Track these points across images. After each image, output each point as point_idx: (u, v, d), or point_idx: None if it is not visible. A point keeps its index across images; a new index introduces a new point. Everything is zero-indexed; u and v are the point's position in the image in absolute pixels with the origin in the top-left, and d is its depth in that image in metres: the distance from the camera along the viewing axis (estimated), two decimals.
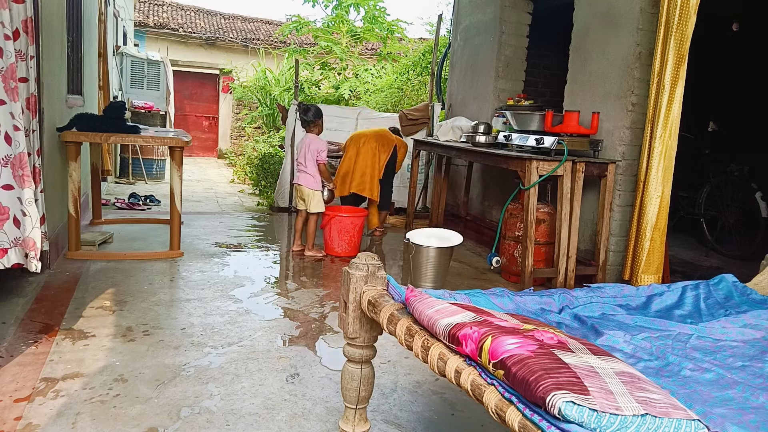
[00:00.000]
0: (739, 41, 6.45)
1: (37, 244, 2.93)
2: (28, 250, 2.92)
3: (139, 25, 13.57)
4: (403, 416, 2.28)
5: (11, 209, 2.85)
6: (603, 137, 4.19)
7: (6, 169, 2.81)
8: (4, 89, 2.76)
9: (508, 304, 1.93)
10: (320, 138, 4.79)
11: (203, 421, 2.14)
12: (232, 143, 14.60)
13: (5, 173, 2.81)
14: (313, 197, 4.71)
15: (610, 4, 4.19)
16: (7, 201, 2.83)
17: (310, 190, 4.70)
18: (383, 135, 5.51)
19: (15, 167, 2.84)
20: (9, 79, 2.77)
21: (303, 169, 4.73)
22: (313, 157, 4.68)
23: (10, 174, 2.83)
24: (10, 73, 2.77)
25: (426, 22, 22.37)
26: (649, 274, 3.77)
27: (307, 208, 4.75)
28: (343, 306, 1.85)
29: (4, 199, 2.82)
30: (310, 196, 4.71)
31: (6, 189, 2.83)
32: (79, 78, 5.45)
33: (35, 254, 2.93)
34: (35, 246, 2.93)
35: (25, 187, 2.88)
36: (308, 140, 4.73)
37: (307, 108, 4.86)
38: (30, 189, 2.90)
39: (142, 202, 6.63)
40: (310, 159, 4.68)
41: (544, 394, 1.06)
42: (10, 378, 2.35)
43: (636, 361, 1.63)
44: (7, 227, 2.84)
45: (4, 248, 2.85)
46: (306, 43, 13.53)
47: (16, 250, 2.88)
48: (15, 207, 2.86)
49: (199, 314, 3.23)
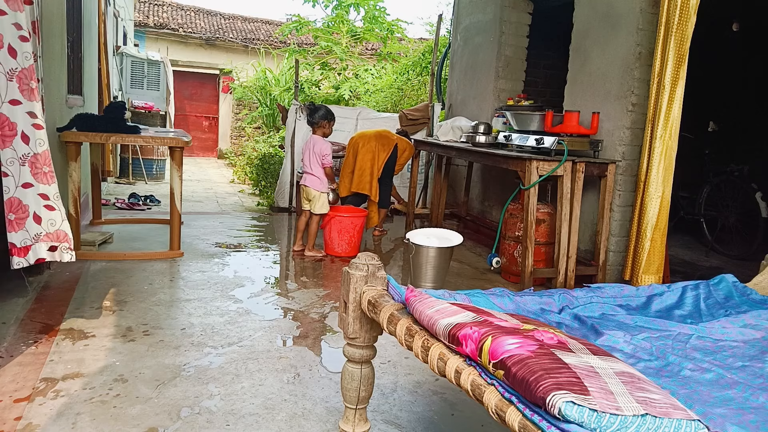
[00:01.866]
0: (739, 41, 6.45)
1: (69, 235, 2.99)
2: (60, 242, 2.97)
3: (139, 25, 13.57)
4: (403, 416, 2.28)
5: (30, 206, 2.89)
6: (603, 137, 4.19)
7: (25, 167, 2.84)
8: (20, 89, 2.78)
9: (508, 304, 1.93)
10: (325, 140, 4.75)
11: (203, 421, 2.14)
12: (232, 143, 14.59)
13: (24, 172, 2.84)
14: (319, 199, 4.71)
15: (611, 4, 4.19)
16: (27, 199, 2.87)
17: (317, 192, 4.70)
18: (384, 135, 5.51)
19: (35, 165, 2.87)
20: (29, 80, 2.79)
21: (308, 171, 4.71)
22: (318, 161, 4.66)
23: (29, 172, 2.86)
24: (29, 74, 2.79)
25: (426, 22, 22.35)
26: (650, 275, 3.77)
27: (311, 209, 4.75)
28: (343, 306, 1.85)
29: (24, 198, 2.86)
30: (317, 198, 4.71)
31: (25, 187, 2.86)
32: (79, 78, 5.45)
33: (68, 245, 2.99)
34: (67, 237, 2.98)
35: (50, 183, 2.92)
36: (312, 142, 4.72)
37: (315, 108, 4.80)
38: (55, 185, 2.95)
39: (142, 202, 6.62)
40: (315, 162, 4.67)
41: (544, 394, 1.06)
42: (10, 378, 2.35)
43: (636, 361, 1.63)
44: (28, 224, 2.88)
45: (27, 245, 2.89)
46: (306, 43, 13.53)
47: (38, 246, 2.93)
48: (35, 204, 2.90)
49: (199, 314, 3.23)
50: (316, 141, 4.70)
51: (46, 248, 2.95)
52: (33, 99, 2.82)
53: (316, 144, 4.68)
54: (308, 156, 4.71)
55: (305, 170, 4.75)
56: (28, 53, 2.79)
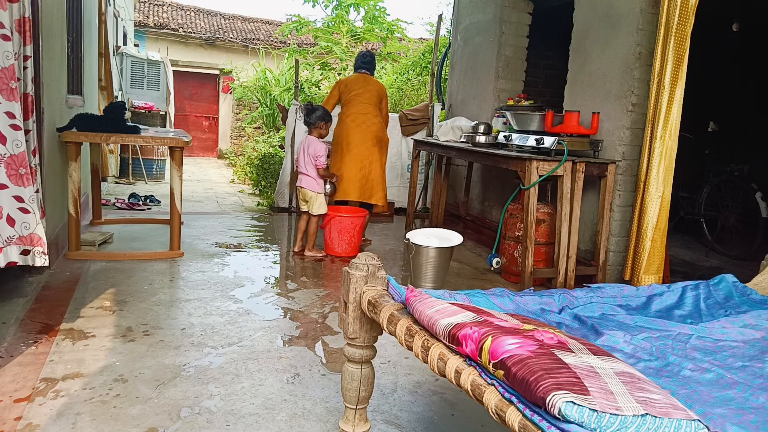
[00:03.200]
0: (739, 41, 6.45)
1: (43, 239, 2.94)
2: (34, 246, 2.93)
3: (139, 25, 13.57)
4: (403, 416, 2.28)
5: (4, 208, 2.85)
6: (603, 137, 4.19)
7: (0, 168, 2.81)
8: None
9: (508, 304, 1.93)
10: (320, 141, 4.72)
11: (203, 421, 2.14)
12: (232, 143, 14.60)
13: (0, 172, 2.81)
14: (316, 200, 4.71)
15: (610, 4, 4.19)
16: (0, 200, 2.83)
17: (313, 193, 4.70)
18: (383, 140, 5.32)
19: (11, 167, 2.83)
20: (9, 79, 2.77)
21: (303, 172, 4.71)
22: (311, 161, 4.66)
23: (4, 173, 2.82)
24: (9, 73, 2.77)
25: (426, 22, 22.39)
26: (650, 275, 3.77)
27: (309, 210, 4.75)
28: (343, 306, 1.85)
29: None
30: (313, 199, 4.71)
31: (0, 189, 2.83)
32: (79, 78, 5.45)
33: (42, 249, 2.95)
34: (41, 241, 2.94)
35: (26, 185, 2.88)
36: (307, 143, 4.71)
37: (312, 109, 4.78)
38: (32, 187, 2.91)
39: (142, 202, 6.62)
40: (309, 163, 4.67)
41: (544, 395, 1.06)
42: (10, 378, 2.35)
43: (636, 361, 1.63)
44: (1, 226, 2.84)
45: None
46: (306, 43, 13.54)
47: (10, 249, 2.88)
48: (9, 206, 2.86)
49: (199, 314, 3.23)
50: (311, 142, 4.69)
51: (18, 252, 2.91)
52: (12, 99, 2.79)
53: (310, 145, 4.68)
54: (302, 157, 4.71)
55: (300, 171, 4.74)
56: (9, 52, 2.77)
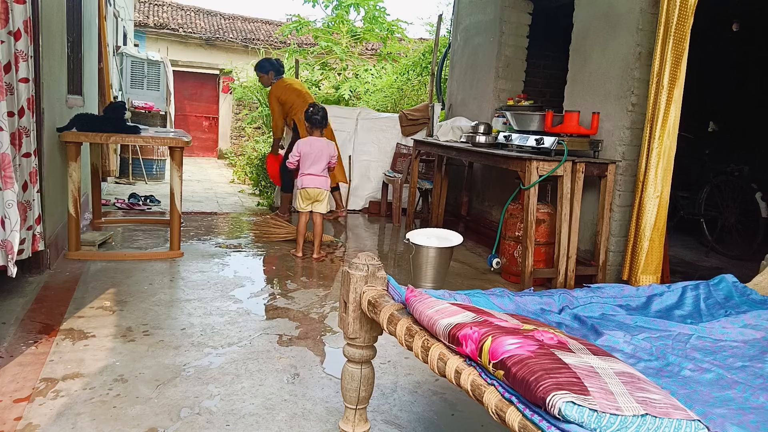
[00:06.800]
0: (739, 41, 6.45)
1: (14, 248, 2.87)
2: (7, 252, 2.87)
3: (139, 25, 13.57)
4: (403, 416, 2.28)
5: None
6: (603, 137, 4.19)
7: None
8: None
9: (508, 304, 1.93)
10: (329, 141, 4.76)
11: (203, 421, 2.14)
12: (232, 143, 14.60)
13: None
14: (326, 198, 4.75)
15: (610, 5, 4.19)
16: None
17: (327, 191, 4.74)
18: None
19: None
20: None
21: (314, 173, 4.64)
22: (326, 161, 4.67)
23: None
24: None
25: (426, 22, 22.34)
26: (648, 274, 3.77)
27: (320, 210, 4.70)
28: (343, 306, 1.85)
29: None
30: (325, 197, 4.73)
31: None
32: (79, 78, 5.45)
33: (12, 257, 2.88)
34: (12, 249, 2.87)
35: (6, 188, 2.82)
36: (322, 144, 4.67)
37: (316, 110, 4.75)
38: (11, 191, 2.84)
39: (142, 202, 6.62)
40: (325, 162, 4.67)
41: (544, 395, 1.06)
42: (10, 378, 2.35)
43: (636, 361, 1.63)
44: None
45: None
46: (306, 43, 13.53)
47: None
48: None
49: (199, 314, 3.23)
50: (327, 143, 4.69)
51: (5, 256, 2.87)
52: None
53: (328, 145, 4.68)
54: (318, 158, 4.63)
55: (314, 173, 4.64)
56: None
